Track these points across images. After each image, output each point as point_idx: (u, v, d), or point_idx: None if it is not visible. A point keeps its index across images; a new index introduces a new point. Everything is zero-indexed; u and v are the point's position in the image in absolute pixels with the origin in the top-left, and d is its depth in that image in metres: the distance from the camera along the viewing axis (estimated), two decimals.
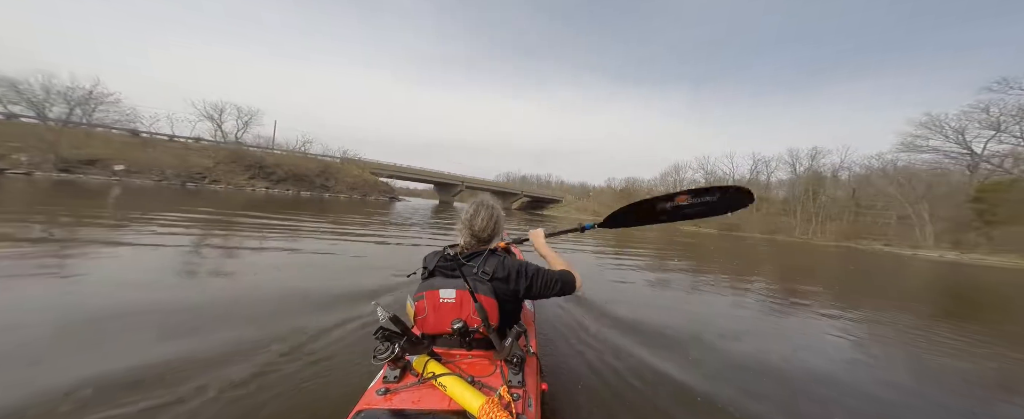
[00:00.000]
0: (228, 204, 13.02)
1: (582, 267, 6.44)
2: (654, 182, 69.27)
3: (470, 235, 1.28)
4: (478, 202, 1.33)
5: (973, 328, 4.32)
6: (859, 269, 11.49)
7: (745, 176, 58.92)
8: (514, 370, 1.05)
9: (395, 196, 45.04)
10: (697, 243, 16.34)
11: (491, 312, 1.10)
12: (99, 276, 3.16)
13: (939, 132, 33.37)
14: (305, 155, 38.15)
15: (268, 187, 30.15)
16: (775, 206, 51.33)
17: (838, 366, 2.58)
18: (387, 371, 1.05)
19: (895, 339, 3.58)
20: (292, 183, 32.08)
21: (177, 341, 1.98)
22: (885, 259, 18.23)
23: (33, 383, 1.50)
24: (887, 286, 8.07)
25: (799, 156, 50.53)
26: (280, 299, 2.83)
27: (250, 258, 4.52)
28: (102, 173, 23.08)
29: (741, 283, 6.00)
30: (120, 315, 2.30)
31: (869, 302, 5.53)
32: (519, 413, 0.90)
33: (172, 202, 11.59)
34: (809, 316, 4.08)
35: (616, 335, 2.59)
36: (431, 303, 1.13)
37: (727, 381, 2.05)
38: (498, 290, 1.16)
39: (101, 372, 1.60)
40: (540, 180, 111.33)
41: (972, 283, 10.32)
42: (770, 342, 3.03)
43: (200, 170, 27.54)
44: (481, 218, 1.27)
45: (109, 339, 1.99)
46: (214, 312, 2.47)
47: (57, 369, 1.62)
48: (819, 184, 46.09)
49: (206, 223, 7.30)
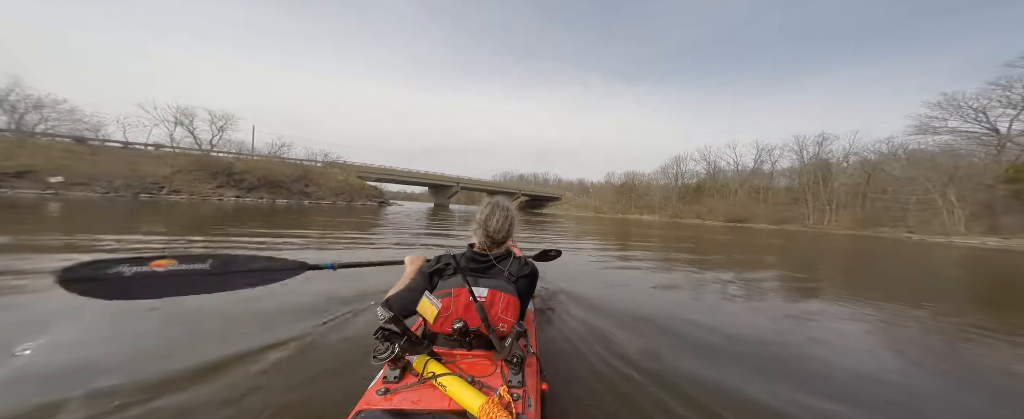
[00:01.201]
0: (186, 218, 10.62)
1: (583, 265, 5.77)
2: (655, 174, 67.25)
3: (485, 235, 1.27)
4: (493, 203, 1.32)
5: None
6: (902, 261, 9.48)
7: (749, 165, 57.20)
8: (514, 370, 1.04)
9: (385, 200, 42.14)
10: (702, 237, 15.29)
11: (515, 312, 1.14)
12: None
13: (957, 113, 31.51)
14: (282, 160, 34.88)
15: (238, 196, 27.03)
16: (781, 195, 49.41)
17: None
18: (387, 371, 1.04)
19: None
20: (267, 191, 28.99)
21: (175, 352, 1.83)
22: (920, 249, 15.91)
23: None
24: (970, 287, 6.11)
25: (805, 143, 48.48)
26: (279, 304, 2.66)
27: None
28: (34, 186, 19.90)
29: (758, 281, 5.24)
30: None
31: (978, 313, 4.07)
32: (519, 413, 0.90)
33: (108, 219, 9.19)
34: (839, 315, 3.51)
35: (617, 335, 2.45)
36: (459, 301, 1.12)
37: (734, 383, 1.86)
38: (520, 291, 1.20)
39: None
40: (538, 178, 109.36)
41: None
42: (798, 348, 2.55)
43: (156, 179, 24.38)
44: (496, 219, 1.26)
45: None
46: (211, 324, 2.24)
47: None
48: (827, 171, 44.12)
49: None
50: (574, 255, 6.79)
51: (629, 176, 70.43)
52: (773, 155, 54.55)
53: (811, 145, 47.97)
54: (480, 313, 1.08)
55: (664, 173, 65.66)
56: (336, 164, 41.60)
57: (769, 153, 55.04)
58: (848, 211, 39.41)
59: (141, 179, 23.75)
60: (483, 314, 1.08)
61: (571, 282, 4.06)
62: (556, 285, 3.79)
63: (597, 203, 68.87)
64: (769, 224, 43.85)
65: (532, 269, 1.30)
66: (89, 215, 9.92)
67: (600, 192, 74.42)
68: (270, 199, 28.38)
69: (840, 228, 36.56)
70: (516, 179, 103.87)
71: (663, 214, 57.75)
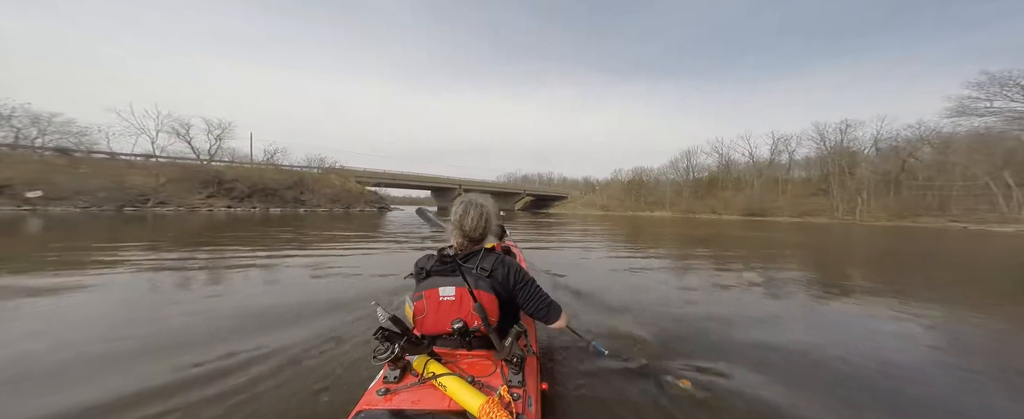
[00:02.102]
0: (173, 231, 9.68)
1: (590, 260, 6.06)
2: (664, 169, 64.97)
3: (462, 235, 1.24)
4: (466, 201, 1.26)
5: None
6: (979, 256, 7.92)
7: (764, 157, 54.51)
8: (514, 370, 1.03)
9: (385, 205, 40.77)
10: (718, 233, 14.43)
11: (491, 309, 1.09)
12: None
13: (1000, 92, 28.72)
14: (276, 167, 33.60)
15: (229, 205, 25.77)
16: (801, 186, 46.68)
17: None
18: (387, 371, 1.03)
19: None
20: (259, 199, 27.71)
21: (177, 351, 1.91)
22: (981, 240, 13.59)
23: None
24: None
25: (827, 130, 45.64)
26: (277, 306, 2.83)
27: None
28: (10, 202, 18.79)
29: (825, 285, 4.39)
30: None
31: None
32: (519, 413, 0.89)
33: (83, 235, 8.26)
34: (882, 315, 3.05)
35: (619, 334, 2.40)
36: (430, 302, 1.11)
37: (742, 385, 1.76)
38: (496, 287, 1.14)
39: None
40: (542, 178, 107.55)
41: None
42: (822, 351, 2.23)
43: (143, 191, 23.21)
44: (471, 217, 1.22)
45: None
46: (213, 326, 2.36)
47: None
48: (853, 159, 41.33)
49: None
50: (579, 251, 6.51)
51: (637, 172, 68.13)
52: (789, 145, 51.82)
53: (833, 132, 45.11)
54: (480, 313, 1.05)
55: (673, 168, 63.30)
56: (333, 169, 40.37)
57: (785, 143, 52.33)
58: (880, 201, 36.67)
59: (126, 191, 22.59)
60: (483, 313, 1.04)
61: (587, 284, 3.90)
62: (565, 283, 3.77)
63: (605, 201, 66.69)
64: (791, 217, 41.41)
65: (511, 265, 1.19)
66: (54, 233, 8.53)
67: (607, 189, 72.15)
68: (263, 208, 27.08)
69: (873, 219, 33.94)
70: (520, 179, 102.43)
71: (675, 210, 55.54)
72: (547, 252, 7.13)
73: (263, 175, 28.49)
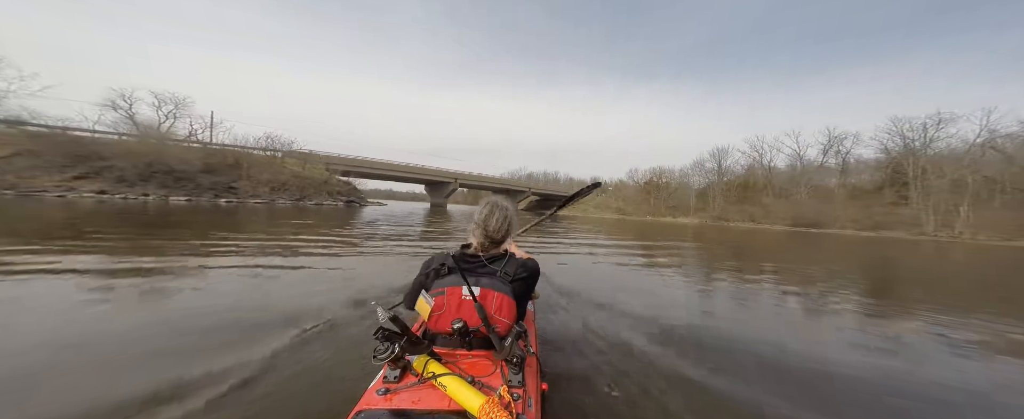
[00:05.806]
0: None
1: (592, 265, 5.53)
2: (687, 170, 57.10)
3: (484, 236, 1.25)
4: (492, 203, 1.29)
5: None
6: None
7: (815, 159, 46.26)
8: (514, 370, 1.03)
9: (357, 199, 32.86)
10: (757, 245, 11.59)
11: (509, 312, 1.13)
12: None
13: None
14: (203, 144, 25.49)
15: (104, 191, 17.86)
16: (872, 194, 38.35)
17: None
18: (387, 371, 1.03)
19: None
20: (160, 184, 19.81)
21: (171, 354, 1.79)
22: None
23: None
24: None
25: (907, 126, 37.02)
26: (280, 304, 2.69)
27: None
28: None
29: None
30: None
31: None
32: (519, 413, 0.89)
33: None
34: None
35: (619, 335, 2.34)
36: (451, 300, 1.12)
37: (750, 388, 1.72)
38: (516, 291, 1.18)
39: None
40: (548, 176, 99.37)
41: None
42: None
43: None
44: (495, 219, 1.24)
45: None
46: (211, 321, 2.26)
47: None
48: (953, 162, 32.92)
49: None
50: (585, 254, 6.21)
51: (655, 172, 60.00)
52: (845, 144, 43.50)
53: (916, 129, 36.51)
54: (480, 313, 1.07)
55: (698, 168, 55.19)
56: (296, 153, 32.46)
57: (840, 141, 44.03)
58: (984, 213, 28.57)
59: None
60: (483, 313, 1.07)
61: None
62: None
63: (620, 203, 58.57)
64: (859, 229, 33.38)
65: (532, 269, 1.26)
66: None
67: (621, 190, 63.92)
68: (161, 196, 19.15)
69: (986, 238, 25.86)
70: (525, 177, 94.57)
71: (704, 216, 47.54)
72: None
73: (164, 153, 20.35)
